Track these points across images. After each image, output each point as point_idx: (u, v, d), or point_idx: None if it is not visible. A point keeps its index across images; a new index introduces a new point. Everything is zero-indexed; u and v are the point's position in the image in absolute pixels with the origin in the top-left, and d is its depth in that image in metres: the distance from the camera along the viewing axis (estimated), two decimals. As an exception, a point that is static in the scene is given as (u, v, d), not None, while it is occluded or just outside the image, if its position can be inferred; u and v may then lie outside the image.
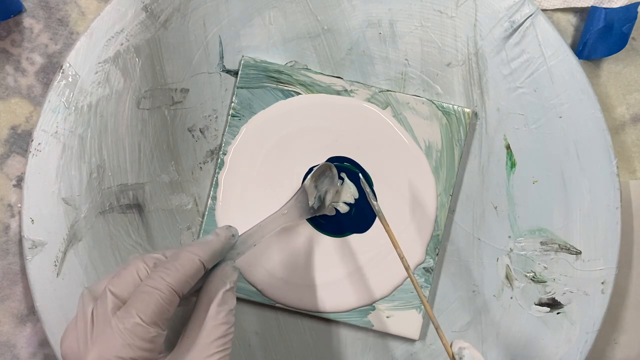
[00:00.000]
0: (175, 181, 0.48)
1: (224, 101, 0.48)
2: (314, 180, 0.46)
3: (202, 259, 0.37)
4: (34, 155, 0.47)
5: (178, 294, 0.36)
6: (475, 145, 0.48)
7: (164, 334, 0.35)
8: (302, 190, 0.45)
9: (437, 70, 0.48)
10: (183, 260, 0.36)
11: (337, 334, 0.48)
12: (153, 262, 0.37)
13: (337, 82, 0.47)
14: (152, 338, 0.34)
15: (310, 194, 0.45)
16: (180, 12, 0.47)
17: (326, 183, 0.46)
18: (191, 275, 0.36)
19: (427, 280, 0.48)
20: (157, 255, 0.38)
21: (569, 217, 0.48)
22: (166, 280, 0.35)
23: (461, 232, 0.48)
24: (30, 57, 0.49)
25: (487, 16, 0.47)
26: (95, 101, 0.47)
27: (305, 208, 0.45)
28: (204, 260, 0.37)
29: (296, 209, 0.45)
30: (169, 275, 0.36)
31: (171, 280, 0.35)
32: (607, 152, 0.47)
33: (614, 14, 0.48)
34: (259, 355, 0.48)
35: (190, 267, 0.36)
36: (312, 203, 0.46)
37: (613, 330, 0.51)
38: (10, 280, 0.49)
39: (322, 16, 0.48)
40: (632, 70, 0.51)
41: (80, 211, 0.47)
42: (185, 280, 0.36)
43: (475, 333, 0.48)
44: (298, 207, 0.45)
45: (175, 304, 0.36)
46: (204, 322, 0.37)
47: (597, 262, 0.48)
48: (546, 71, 0.47)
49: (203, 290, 0.38)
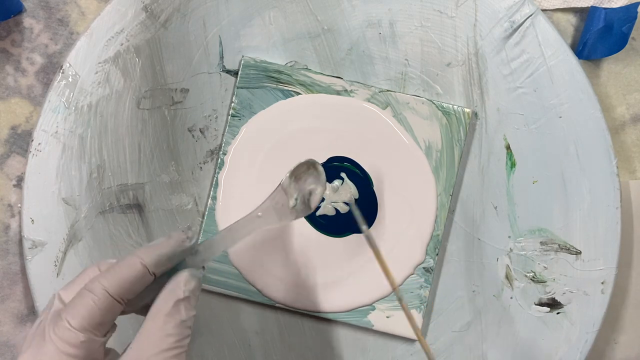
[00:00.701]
0: (175, 181, 0.48)
1: (224, 101, 0.48)
2: (293, 179, 0.41)
3: (145, 262, 0.34)
4: (34, 155, 0.47)
5: (116, 298, 0.33)
6: (475, 145, 0.48)
7: (99, 340, 0.33)
8: (278, 190, 0.41)
9: (437, 70, 0.48)
10: (124, 263, 0.34)
11: (337, 334, 0.48)
12: (106, 267, 0.35)
13: (337, 82, 0.47)
14: (81, 344, 0.32)
15: (290, 195, 0.41)
16: (180, 12, 0.47)
17: (310, 182, 0.41)
18: (131, 279, 0.34)
19: (427, 280, 0.48)
20: (113, 260, 0.36)
21: (569, 217, 0.48)
22: (101, 283, 0.33)
23: (461, 232, 0.48)
24: (30, 57, 0.49)
25: (487, 16, 0.47)
26: (95, 101, 0.47)
27: (284, 210, 0.41)
28: (147, 263, 0.34)
29: (273, 211, 0.41)
30: (106, 278, 0.34)
31: (106, 283, 0.33)
32: (607, 152, 0.47)
33: (614, 14, 0.48)
34: (259, 355, 0.48)
35: (130, 270, 0.34)
36: (293, 205, 0.41)
37: (613, 330, 0.51)
38: (10, 280, 0.49)
39: (322, 16, 0.48)
40: (632, 70, 0.51)
41: (80, 211, 0.47)
42: (122, 284, 0.34)
43: (475, 333, 0.48)
44: (276, 209, 0.41)
45: (114, 309, 0.34)
46: (151, 332, 0.34)
47: (597, 262, 0.48)
48: (546, 71, 0.47)
49: (155, 299, 0.35)
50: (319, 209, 0.47)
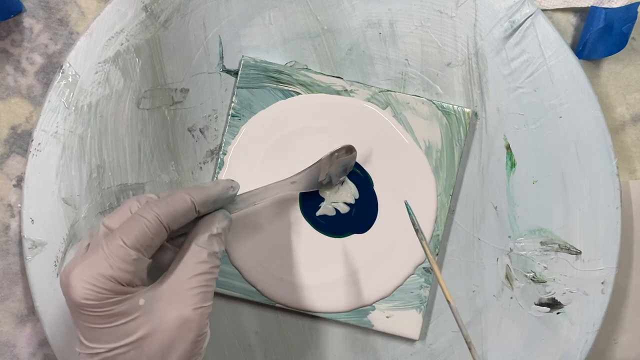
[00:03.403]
0: (175, 181, 0.48)
1: (224, 101, 0.48)
2: (332, 158, 0.46)
3: (194, 199, 0.38)
4: (34, 155, 0.47)
5: (165, 226, 0.37)
6: (475, 145, 0.48)
7: (146, 260, 0.37)
8: (316, 165, 0.45)
9: (437, 70, 0.48)
10: (175, 196, 0.38)
11: (337, 334, 0.48)
12: (146, 200, 0.39)
13: (337, 82, 0.47)
14: (132, 261, 0.36)
15: (323, 171, 0.46)
16: (180, 12, 0.47)
17: (342, 164, 0.46)
18: (180, 211, 0.38)
19: (427, 280, 0.48)
20: (151, 195, 0.40)
21: (569, 217, 0.48)
22: (154, 210, 0.37)
23: (461, 232, 0.48)
24: (30, 57, 0.49)
25: (487, 16, 0.47)
26: (95, 101, 0.47)
27: (315, 181, 0.46)
28: (196, 201, 0.38)
29: (305, 181, 0.46)
30: (158, 207, 0.37)
31: (158, 211, 0.37)
32: (607, 152, 0.47)
33: (614, 14, 0.48)
34: (259, 355, 0.48)
35: (181, 204, 0.38)
36: (322, 179, 0.46)
37: (613, 330, 0.51)
38: (10, 280, 0.49)
39: (322, 16, 0.48)
40: (632, 70, 0.51)
41: (80, 211, 0.47)
42: (173, 214, 0.37)
43: (475, 333, 0.48)
44: (307, 179, 0.46)
45: (162, 235, 0.37)
46: (188, 259, 0.38)
47: (597, 262, 0.48)
48: (546, 71, 0.47)
49: (191, 231, 0.39)
50: (319, 209, 0.47)
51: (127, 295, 0.36)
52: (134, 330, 0.36)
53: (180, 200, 0.38)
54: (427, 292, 0.48)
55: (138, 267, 0.36)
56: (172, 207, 0.38)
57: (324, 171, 0.46)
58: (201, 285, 0.38)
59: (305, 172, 0.45)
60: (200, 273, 0.38)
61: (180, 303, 0.37)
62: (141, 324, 0.36)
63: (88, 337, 0.36)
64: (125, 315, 0.36)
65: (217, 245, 0.39)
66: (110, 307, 0.36)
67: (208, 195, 0.40)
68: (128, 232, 0.36)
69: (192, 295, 0.37)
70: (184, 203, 0.38)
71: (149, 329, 0.36)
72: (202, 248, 0.38)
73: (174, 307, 0.37)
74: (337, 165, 0.46)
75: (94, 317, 0.36)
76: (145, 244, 0.36)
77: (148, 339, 0.36)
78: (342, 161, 0.46)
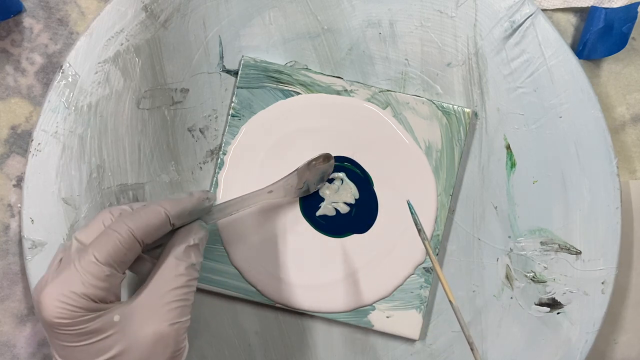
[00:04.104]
0: (175, 181, 0.48)
1: (224, 101, 0.48)
2: (308, 168, 0.46)
3: (168, 212, 0.38)
4: (34, 155, 0.47)
5: (138, 240, 0.36)
6: (475, 145, 0.48)
7: (120, 276, 0.36)
8: (293, 175, 0.45)
9: (437, 70, 0.48)
10: (149, 209, 0.38)
11: (337, 334, 0.48)
12: (119, 213, 0.38)
13: (337, 82, 0.47)
14: (105, 277, 0.35)
15: (301, 179, 0.46)
16: (180, 12, 0.47)
17: (320, 172, 0.46)
18: (154, 225, 0.37)
19: (427, 280, 0.48)
20: (124, 207, 0.39)
21: (569, 217, 0.48)
22: (127, 224, 0.36)
23: (461, 232, 0.48)
24: (30, 57, 0.49)
25: (487, 16, 0.47)
26: (95, 101, 0.47)
27: (291, 190, 0.46)
28: (170, 214, 0.38)
29: (282, 190, 0.46)
30: (132, 220, 0.37)
31: (132, 225, 0.36)
32: (607, 152, 0.47)
33: (614, 14, 0.48)
34: (259, 355, 0.48)
35: (154, 217, 0.37)
36: (300, 187, 0.46)
37: (613, 330, 0.51)
38: (10, 280, 0.49)
39: (322, 16, 0.48)
40: (632, 70, 0.51)
41: (80, 211, 0.47)
42: (147, 228, 0.37)
43: (475, 333, 0.48)
44: (285, 188, 0.46)
45: (135, 250, 0.37)
46: (165, 272, 0.37)
47: (597, 262, 0.48)
48: (546, 71, 0.47)
49: (167, 244, 0.39)
50: (319, 209, 0.47)
51: (100, 312, 0.35)
52: (109, 348, 0.35)
53: (154, 213, 0.37)
54: (427, 292, 0.48)
55: (111, 283, 0.36)
56: (146, 220, 0.37)
57: (301, 179, 0.46)
58: (178, 299, 0.37)
59: (282, 181, 0.45)
60: (177, 287, 0.37)
61: (156, 319, 0.36)
62: (116, 341, 0.36)
63: (62, 355, 0.36)
64: (99, 332, 0.35)
65: (194, 256, 0.39)
66: (84, 325, 0.35)
67: (183, 208, 0.39)
68: (100, 247, 0.36)
69: (169, 310, 0.37)
70: (158, 216, 0.37)
71: (124, 346, 0.36)
72: (179, 260, 0.38)
73: (150, 323, 0.36)
74: (315, 174, 0.46)
75: (68, 336, 0.35)
76: (118, 259, 0.36)
77: (124, 356, 0.36)
78: (319, 169, 0.46)
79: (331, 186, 0.47)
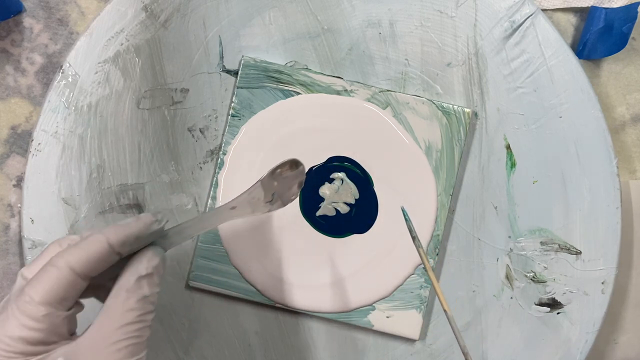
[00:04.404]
0: (175, 181, 0.48)
1: (224, 101, 0.48)
2: (272, 176, 0.41)
3: (111, 241, 0.34)
4: (34, 155, 0.47)
5: (80, 274, 0.33)
6: (475, 145, 0.48)
7: (61, 314, 0.33)
8: (256, 186, 0.41)
9: (437, 70, 0.48)
10: (89, 240, 0.34)
11: (337, 334, 0.48)
12: (67, 244, 0.36)
13: (337, 82, 0.47)
14: (42, 317, 0.33)
15: (267, 190, 0.41)
16: (180, 12, 0.47)
17: (289, 180, 0.42)
18: (96, 256, 0.34)
19: (427, 280, 0.48)
20: (73, 237, 0.36)
21: (569, 217, 0.48)
22: (65, 259, 0.33)
23: (461, 232, 0.48)
24: (30, 57, 0.49)
25: (487, 16, 0.47)
26: (95, 101, 0.47)
27: (259, 204, 0.41)
28: (113, 242, 0.34)
29: (248, 205, 0.41)
30: (71, 254, 0.34)
31: (71, 259, 0.33)
32: (607, 152, 0.47)
33: (614, 14, 0.48)
34: (259, 355, 0.48)
35: (95, 247, 0.34)
36: (269, 200, 0.41)
37: (613, 330, 0.51)
38: (10, 280, 0.49)
39: (322, 16, 0.48)
40: (632, 70, 0.51)
41: (80, 211, 0.47)
42: (87, 260, 0.34)
43: (475, 333, 0.48)
44: (251, 203, 0.41)
45: (78, 285, 0.34)
46: (113, 307, 0.34)
47: (597, 262, 0.48)
48: (546, 71, 0.47)
49: (119, 276, 0.35)
50: (319, 209, 0.47)
51: (41, 355, 0.33)
52: None
53: (95, 243, 0.34)
54: (427, 292, 0.48)
55: (51, 323, 0.33)
56: (86, 252, 0.34)
57: (268, 191, 0.41)
58: (128, 337, 0.34)
59: (244, 195, 0.41)
60: (126, 323, 0.34)
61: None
62: None
63: None
64: None
65: (147, 287, 0.35)
66: None
67: (127, 234, 0.35)
68: (37, 285, 0.33)
69: (116, 350, 0.33)
70: (99, 246, 0.34)
71: None
72: (129, 293, 0.34)
73: None
74: (283, 184, 0.41)
75: None
76: (58, 297, 0.33)
77: None
78: (287, 178, 0.42)
79: (331, 186, 0.47)
